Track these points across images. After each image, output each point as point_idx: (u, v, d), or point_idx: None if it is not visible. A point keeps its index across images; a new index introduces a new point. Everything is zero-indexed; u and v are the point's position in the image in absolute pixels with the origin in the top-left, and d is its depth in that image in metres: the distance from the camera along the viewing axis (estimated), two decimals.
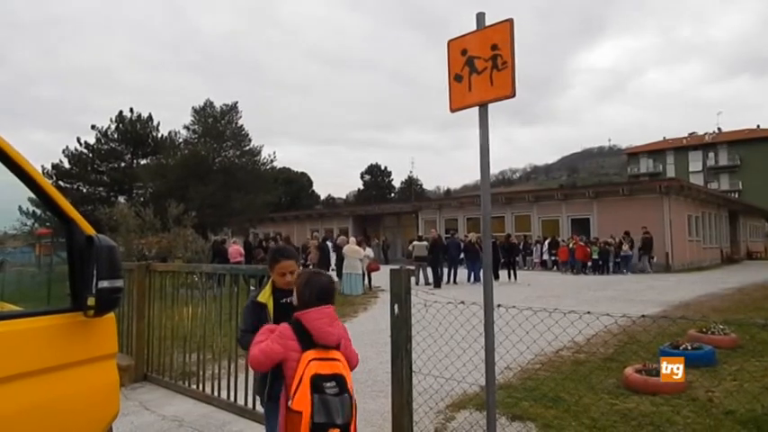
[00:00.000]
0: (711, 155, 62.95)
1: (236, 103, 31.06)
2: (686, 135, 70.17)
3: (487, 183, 2.82)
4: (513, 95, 2.55)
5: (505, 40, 2.56)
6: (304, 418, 2.06)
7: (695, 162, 62.95)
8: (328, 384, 2.12)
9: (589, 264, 20.95)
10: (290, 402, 2.13)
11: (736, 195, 50.80)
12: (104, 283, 1.88)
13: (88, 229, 2.02)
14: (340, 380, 2.16)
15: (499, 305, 3.03)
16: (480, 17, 2.72)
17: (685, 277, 18.55)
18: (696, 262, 24.47)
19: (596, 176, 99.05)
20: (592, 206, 24.98)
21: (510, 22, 2.57)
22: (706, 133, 67.46)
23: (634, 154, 72.92)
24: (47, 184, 1.97)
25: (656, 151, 68.64)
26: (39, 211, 2.24)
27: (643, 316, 3.82)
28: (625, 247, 21.07)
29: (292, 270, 2.78)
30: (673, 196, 22.93)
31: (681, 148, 66.21)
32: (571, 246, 21.68)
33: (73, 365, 1.93)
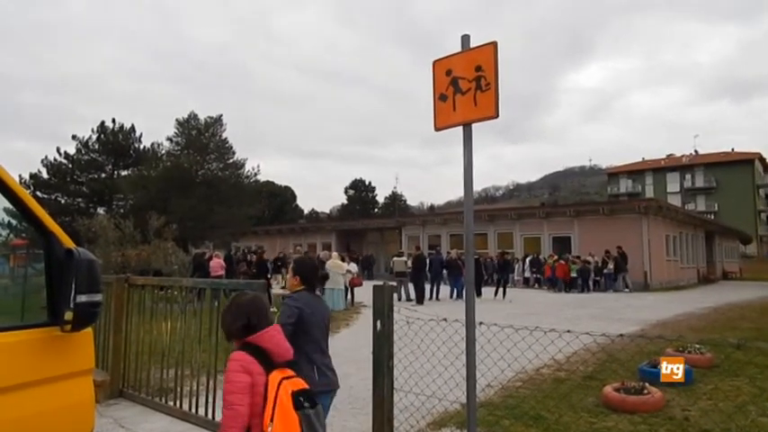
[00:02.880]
0: (689, 176, 64.47)
1: (221, 115, 30.99)
2: (664, 156, 71.81)
3: (471, 200, 2.85)
4: (497, 116, 2.61)
5: (489, 61, 2.62)
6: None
7: (673, 183, 64.43)
8: (303, 400, 2.11)
9: (570, 281, 21.14)
10: (269, 429, 2.04)
11: (712, 216, 51.92)
12: (83, 298, 1.85)
13: (68, 242, 1.99)
14: (308, 393, 2.18)
15: (481, 323, 3.05)
16: (465, 39, 2.79)
17: (663, 296, 18.82)
18: (674, 281, 24.85)
19: (577, 195, 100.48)
20: (573, 224, 25.30)
21: (494, 44, 2.63)
22: (683, 155, 69.13)
23: (614, 174, 74.30)
24: (25, 194, 1.94)
25: (636, 172, 70.05)
26: (14, 222, 2.21)
27: (621, 335, 3.87)
28: (610, 265, 21.33)
29: None
30: (651, 216, 23.35)
31: (659, 170, 67.71)
32: (550, 263, 21.92)
33: (48, 381, 1.89)
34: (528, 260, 24.40)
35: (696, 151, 68.76)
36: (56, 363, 1.93)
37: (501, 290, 17.43)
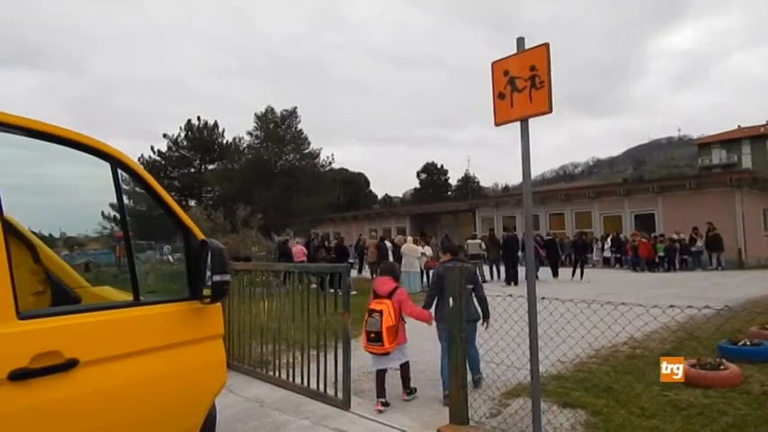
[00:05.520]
0: None
1: (296, 108, 32.18)
2: (765, 123, 65.57)
3: (529, 187, 3.14)
4: (550, 112, 2.88)
5: (542, 61, 2.89)
6: (364, 326, 4.66)
7: None
8: (375, 313, 4.58)
9: (656, 260, 20.23)
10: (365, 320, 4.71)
11: None
12: (217, 278, 2.39)
13: (200, 235, 2.54)
14: (379, 311, 4.56)
15: (543, 298, 3.34)
16: (520, 41, 3.07)
17: (758, 274, 17.63)
18: None
19: (665, 169, 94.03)
20: (657, 201, 24.13)
21: (546, 45, 2.89)
22: None
23: (705, 144, 68.85)
24: (170, 199, 2.51)
25: (731, 141, 64.47)
26: (118, 216, 2.77)
27: (690, 306, 3.96)
28: (699, 243, 20.23)
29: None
30: (745, 189, 21.79)
31: (758, 137, 61.89)
32: (634, 242, 21.09)
33: (194, 342, 2.45)
34: (609, 239, 23.60)
35: None
36: (198, 328, 2.49)
37: (579, 270, 17.14)
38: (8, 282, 1.77)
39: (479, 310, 5.05)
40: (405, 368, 4.89)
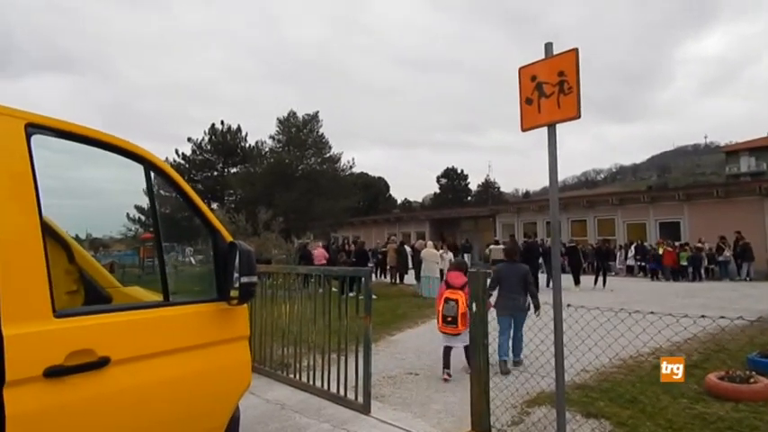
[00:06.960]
0: None
1: (317, 112, 32.34)
2: None
3: (556, 194, 3.11)
4: (579, 117, 2.85)
5: (571, 67, 2.86)
6: (439, 312, 5.78)
7: None
8: (451, 301, 5.66)
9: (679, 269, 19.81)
10: (439, 308, 5.81)
11: None
12: (245, 279, 2.41)
13: (228, 237, 2.57)
14: (455, 300, 5.62)
15: (569, 305, 3.30)
16: (548, 47, 3.04)
17: None
18: None
19: (690, 176, 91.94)
20: (682, 209, 23.66)
21: (575, 51, 2.86)
22: None
23: (733, 152, 67.12)
24: (200, 202, 2.54)
25: (760, 148, 62.81)
26: (143, 218, 2.83)
27: (722, 317, 3.86)
28: (727, 253, 19.75)
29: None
30: None
31: None
32: (660, 251, 20.69)
33: (220, 343, 2.48)
34: (633, 247, 23.18)
35: None
36: (225, 329, 2.52)
37: (601, 278, 16.84)
38: (46, 281, 1.81)
39: (530, 301, 6.08)
40: (467, 349, 5.56)
